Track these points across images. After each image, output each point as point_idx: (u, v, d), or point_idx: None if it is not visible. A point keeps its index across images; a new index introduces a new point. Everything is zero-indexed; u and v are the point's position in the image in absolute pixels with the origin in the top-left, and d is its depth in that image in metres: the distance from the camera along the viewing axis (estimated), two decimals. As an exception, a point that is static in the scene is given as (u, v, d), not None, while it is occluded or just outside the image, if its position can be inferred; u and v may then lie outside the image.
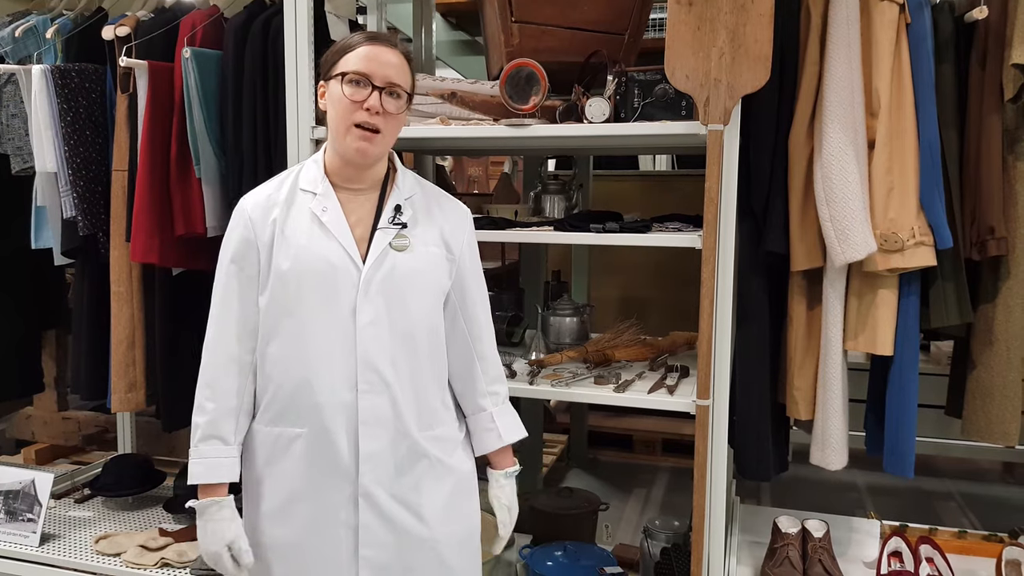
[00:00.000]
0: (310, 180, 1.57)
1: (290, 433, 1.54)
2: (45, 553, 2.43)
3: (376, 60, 1.49)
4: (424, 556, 1.58)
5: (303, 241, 1.52)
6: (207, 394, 1.56)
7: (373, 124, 1.49)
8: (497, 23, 2.22)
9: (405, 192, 1.61)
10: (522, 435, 1.72)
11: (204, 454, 1.55)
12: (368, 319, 1.51)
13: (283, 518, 1.56)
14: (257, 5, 2.38)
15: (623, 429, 4.21)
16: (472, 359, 1.66)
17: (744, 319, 2.08)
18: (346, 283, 1.51)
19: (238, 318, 1.55)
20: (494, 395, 1.69)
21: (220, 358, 1.56)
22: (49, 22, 2.65)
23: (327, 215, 1.54)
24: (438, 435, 1.61)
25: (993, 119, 1.92)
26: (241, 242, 1.55)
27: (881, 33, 1.89)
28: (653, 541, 2.42)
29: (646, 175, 4.87)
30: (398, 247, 1.55)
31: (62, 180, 2.48)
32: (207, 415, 1.55)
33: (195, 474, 1.55)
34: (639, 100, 2.03)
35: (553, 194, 2.49)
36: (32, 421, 3.75)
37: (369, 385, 1.52)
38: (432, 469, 1.59)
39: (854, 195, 1.87)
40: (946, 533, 2.38)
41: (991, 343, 2.00)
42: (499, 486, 1.69)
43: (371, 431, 1.52)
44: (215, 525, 1.54)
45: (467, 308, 1.66)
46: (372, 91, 1.48)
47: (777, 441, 2.16)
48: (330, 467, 1.53)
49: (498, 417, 1.68)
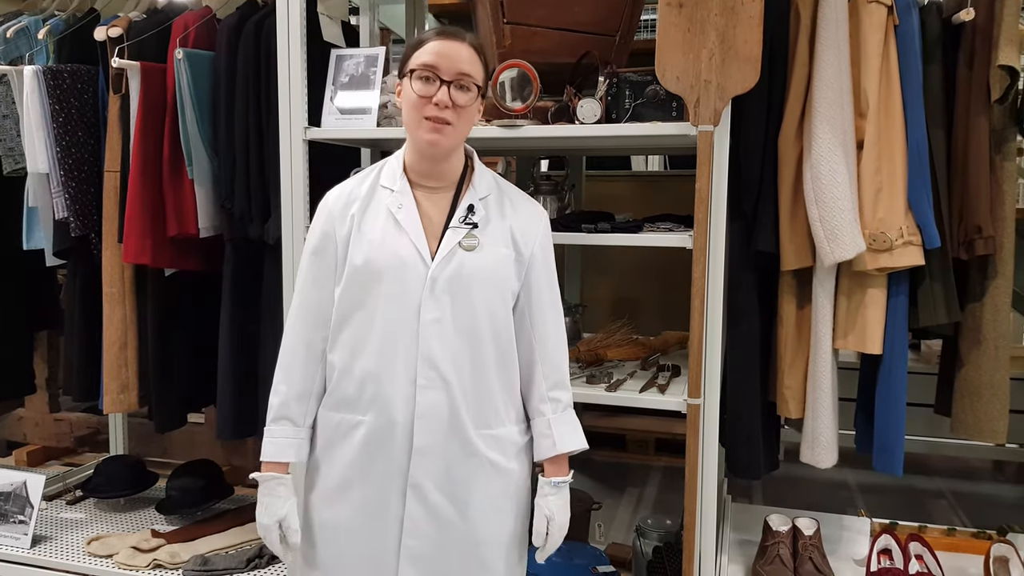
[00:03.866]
0: (390, 177, 1.61)
1: (351, 420, 1.58)
2: (37, 555, 2.43)
3: (444, 54, 1.50)
4: (463, 552, 1.58)
5: (377, 236, 1.55)
6: (280, 376, 1.62)
7: (443, 117, 1.50)
8: (489, 24, 2.23)
9: (481, 191, 1.62)
10: (581, 446, 1.67)
11: (274, 434, 1.61)
12: (432, 316, 1.53)
13: (335, 501, 1.59)
14: (249, 6, 2.39)
15: (616, 428, 4.22)
16: (535, 362, 1.64)
17: (735, 318, 2.09)
18: (414, 280, 1.53)
19: (313, 307, 1.60)
20: (555, 401, 1.65)
21: (295, 343, 1.62)
22: (41, 23, 2.65)
23: (402, 212, 1.56)
24: (496, 435, 1.60)
25: (980, 119, 1.94)
26: (321, 235, 1.60)
27: (869, 35, 1.91)
28: (645, 540, 2.43)
29: (639, 175, 4.88)
30: (467, 246, 1.56)
31: (54, 181, 2.47)
32: (279, 396, 1.61)
33: (264, 452, 1.61)
34: (630, 101, 2.04)
35: (546, 194, 2.50)
36: (24, 423, 3.74)
37: (428, 381, 1.54)
38: (483, 468, 1.59)
39: (843, 195, 1.89)
40: (935, 531, 2.40)
41: (979, 342, 2.02)
42: (543, 494, 1.64)
43: (426, 425, 1.54)
44: (271, 499, 1.59)
45: (534, 310, 1.64)
46: (441, 85, 1.49)
47: (768, 440, 2.17)
48: (385, 457, 1.56)
49: (555, 424, 1.64)
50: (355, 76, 2.18)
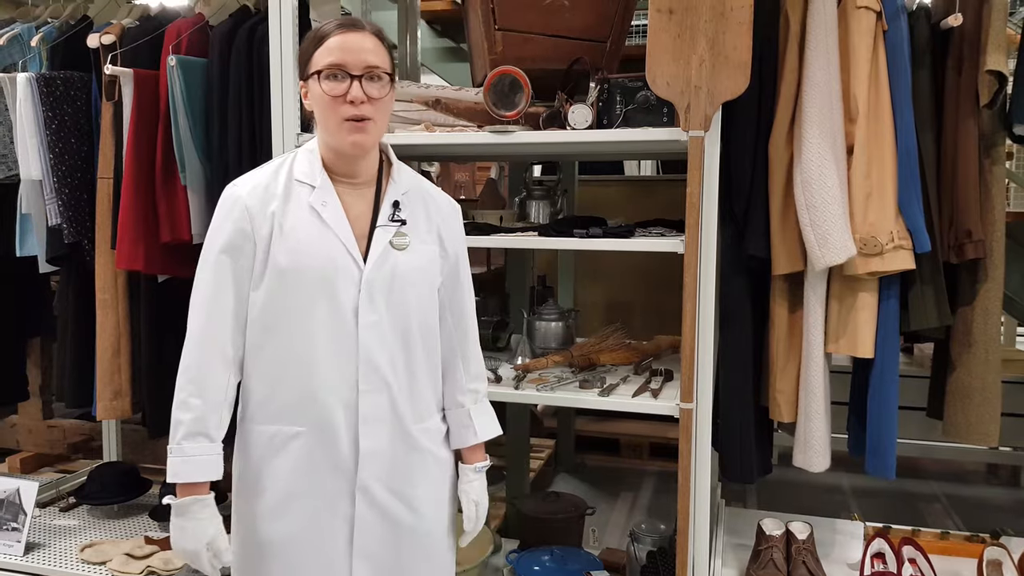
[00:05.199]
0: (306, 172, 1.53)
1: (287, 431, 1.52)
2: (30, 562, 2.42)
3: (347, 48, 1.45)
4: (413, 545, 1.59)
5: (302, 236, 1.48)
6: (192, 390, 1.49)
7: (361, 114, 1.45)
8: (481, 31, 2.24)
9: (402, 187, 1.59)
10: (497, 433, 1.71)
11: (188, 452, 1.49)
12: (370, 320, 1.50)
13: (280, 514, 1.54)
14: (242, 13, 2.39)
15: (610, 433, 4.22)
16: (455, 355, 1.66)
17: (727, 323, 2.10)
18: (347, 282, 1.49)
19: (228, 312, 1.50)
20: (474, 392, 1.69)
21: (207, 353, 1.50)
22: (34, 30, 2.65)
23: (327, 210, 1.50)
24: (429, 427, 1.62)
25: (969, 124, 1.95)
26: (236, 233, 1.50)
27: (859, 40, 1.92)
28: (639, 544, 2.43)
29: (631, 180, 4.89)
30: (398, 246, 1.53)
31: (47, 188, 2.47)
32: (193, 411, 1.49)
33: (179, 472, 1.49)
34: (621, 107, 2.05)
35: (538, 199, 2.50)
36: (17, 429, 3.73)
37: (370, 384, 1.51)
38: (423, 461, 1.60)
39: (833, 200, 1.90)
40: (929, 534, 2.40)
41: (970, 345, 2.03)
42: (468, 480, 1.68)
43: (371, 429, 1.53)
44: (195, 523, 1.49)
45: (455, 304, 1.66)
46: (352, 81, 1.44)
47: (760, 444, 2.18)
48: (330, 464, 1.53)
49: (475, 415, 1.67)
50: (348, 82, 2.18)
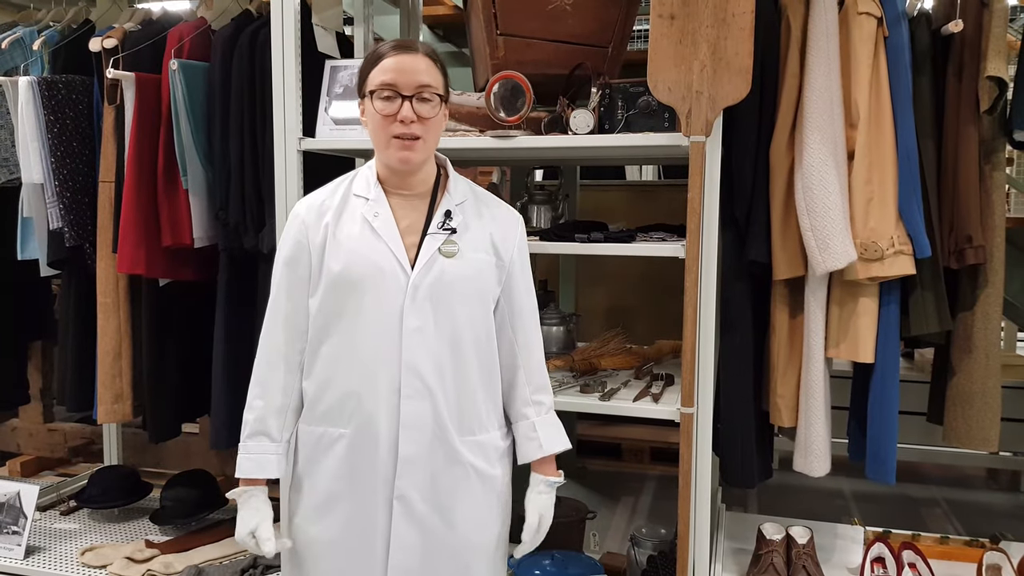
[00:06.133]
0: (363, 186, 1.60)
1: (333, 433, 1.57)
2: (30, 566, 2.42)
3: (400, 69, 1.50)
4: (450, 561, 1.59)
5: (354, 245, 1.54)
6: (256, 392, 1.60)
7: (411, 133, 1.50)
8: (483, 36, 2.24)
9: (456, 197, 1.62)
10: (565, 447, 1.70)
11: (251, 450, 1.60)
12: (414, 325, 1.53)
13: (321, 517, 1.58)
14: (244, 17, 2.40)
15: (611, 437, 4.21)
16: (517, 367, 1.66)
17: (727, 327, 2.10)
18: (394, 288, 1.53)
19: (288, 318, 1.59)
20: (538, 404, 1.68)
21: (270, 356, 1.60)
22: (36, 34, 2.66)
23: (378, 220, 1.55)
24: (480, 440, 1.61)
25: (970, 129, 1.96)
26: (294, 245, 1.58)
27: (860, 46, 1.92)
28: (640, 549, 2.43)
29: (633, 185, 4.89)
30: (447, 253, 1.56)
31: (48, 191, 2.48)
32: (255, 412, 1.60)
33: (242, 469, 1.60)
34: (623, 112, 2.05)
35: (540, 204, 2.51)
36: (18, 433, 3.73)
37: (412, 390, 1.53)
38: (467, 476, 1.59)
39: (834, 205, 1.90)
40: (928, 539, 2.40)
41: (970, 350, 2.03)
42: (537, 492, 1.67)
43: (411, 435, 1.54)
44: (245, 512, 1.59)
45: (514, 315, 1.66)
46: (403, 101, 1.50)
47: (761, 448, 2.18)
48: (369, 469, 1.55)
49: (540, 427, 1.66)
50: (349, 87, 2.18)
